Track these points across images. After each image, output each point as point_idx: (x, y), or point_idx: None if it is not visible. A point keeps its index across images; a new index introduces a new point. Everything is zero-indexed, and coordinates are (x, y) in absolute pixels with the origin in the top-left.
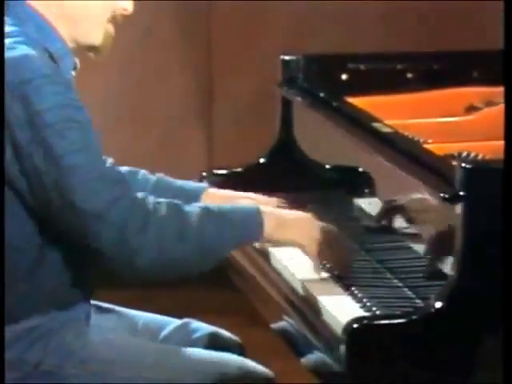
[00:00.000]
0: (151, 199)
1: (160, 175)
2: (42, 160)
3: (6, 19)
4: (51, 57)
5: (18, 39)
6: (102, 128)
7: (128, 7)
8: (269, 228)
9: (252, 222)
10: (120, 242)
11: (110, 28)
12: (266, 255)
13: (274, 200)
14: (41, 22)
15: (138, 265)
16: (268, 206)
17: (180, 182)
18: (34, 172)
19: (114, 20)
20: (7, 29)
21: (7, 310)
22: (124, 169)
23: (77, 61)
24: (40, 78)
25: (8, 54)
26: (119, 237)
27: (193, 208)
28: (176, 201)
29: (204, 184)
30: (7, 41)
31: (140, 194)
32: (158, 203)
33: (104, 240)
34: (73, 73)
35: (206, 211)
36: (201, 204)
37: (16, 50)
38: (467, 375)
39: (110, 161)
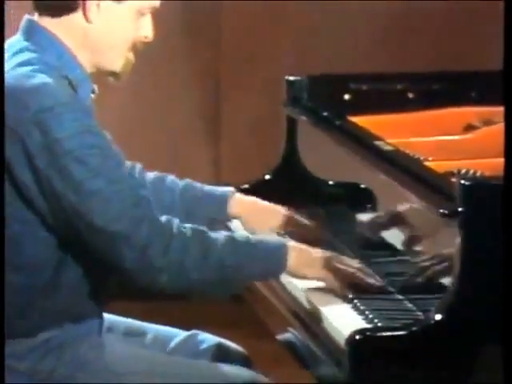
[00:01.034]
0: (175, 222)
1: (188, 180)
2: (60, 185)
3: (28, 45)
4: (70, 83)
5: (37, 67)
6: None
7: (149, 35)
8: (292, 265)
9: (276, 258)
10: (143, 262)
11: (131, 55)
12: None
13: (291, 213)
14: (61, 50)
15: (159, 284)
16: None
17: (207, 187)
18: (54, 196)
19: (134, 47)
20: (28, 55)
21: (23, 325)
22: (152, 174)
23: (95, 86)
24: (58, 106)
25: (27, 81)
26: (142, 257)
27: (218, 236)
28: (202, 227)
29: (230, 188)
30: (27, 68)
31: (164, 217)
32: (184, 227)
33: (127, 260)
34: (92, 96)
35: (232, 241)
36: (228, 232)
37: (35, 78)
38: None
39: (138, 166)
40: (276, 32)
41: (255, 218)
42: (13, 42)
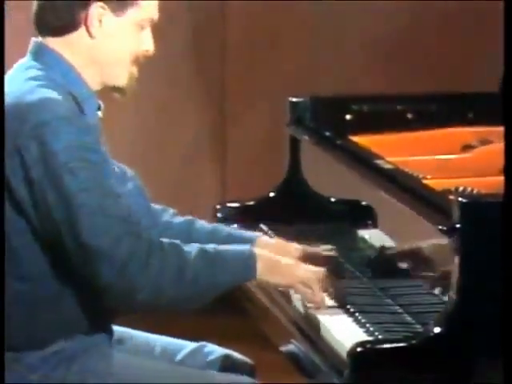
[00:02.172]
0: (155, 239)
1: (216, 224)
2: (53, 197)
3: (35, 64)
4: (75, 100)
5: (42, 83)
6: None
7: (150, 48)
8: (261, 272)
9: (245, 264)
10: (121, 279)
11: (134, 69)
12: None
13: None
14: (67, 68)
15: (136, 301)
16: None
17: (234, 231)
18: (46, 207)
19: (137, 61)
20: (34, 72)
21: (32, 337)
22: (182, 218)
23: (101, 102)
24: (56, 120)
25: (29, 96)
26: (120, 275)
27: (191, 248)
28: (176, 241)
29: (257, 233)
30: (32, 83)
31: (145, 234)
32: (160, 243)
33: (106, 276)
34: (99, 113)
35: (203, 252)
36: (198, 245)
37: (37, 92)
38: None
39: (171, 211)
40: (280, 55)
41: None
42: (21, 61)
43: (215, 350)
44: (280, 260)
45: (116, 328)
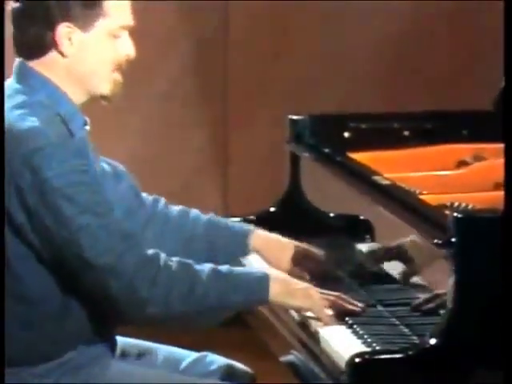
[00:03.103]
0: (163, 256)
1: (212, 215)
2: (52, 222)
3: (19, 88)
4: (63, 119)
5: (28, 110)
6: None
7: (130, 52)
8: (274, 295)
9: (258, 285)
10: (129, 294)
11: (117, 76)
12: None
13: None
14: (51, 89)
15: (146, 314)
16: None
17: (230, 222)
18: (45, 232)
19: (119, 67)
20: (20, 98)
21: (38, 350)
22: (176, 208)
23: (86, 118)
24: (46, 147)
25: (18, 125)
26: (129, 289)
27: (203, 267)
28: (187, 260)
29: (251, 227)
30: (18, 111)
31: (151, 250)
32: (170, 260)
33: (114, 292)
34: (86, 128)
35: (215, 273)
36: (211, 265)
37: (25, 121)
38: None
39: (162, 200)
40: (282, 71)
41: (270, 252)
42: (8, 84)
43: (217, 360)
44: (294, 282)
45: (119, 338)
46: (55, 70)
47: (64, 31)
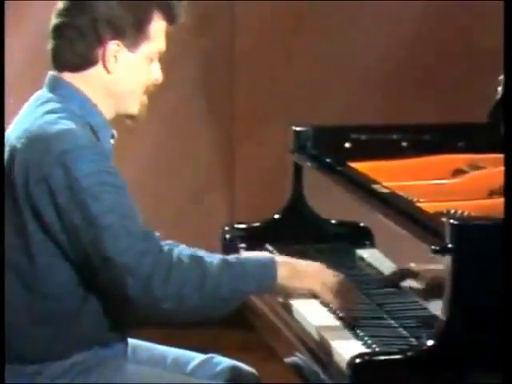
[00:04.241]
0: (175, 251)
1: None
2: (80, 219)
3: (52, 96)
4: (92, 129)
5: (62, 115)
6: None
7: (159, 78)
8: (282, 278)
9: (266, 272)
10: (145, 291)
11: (144, 98)
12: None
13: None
14: (83, 101)
15: (162, 310)
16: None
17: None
18: (74, 229)
19: (148, 91)
20: (53, 105)
21: (55, 350)
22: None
23: (114, 131)
24: (78, 149)
25: (51, 128)
26: (145, 287)
27: (213, 259)
28: (199, 253)
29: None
30: (52, 116)
31: (166, 248)
32: (183, 255)
33: (131, 289)
34: (112, 141)
35: (225, 262)
36: (220, 256)
37: (58, 124)
38: None
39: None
40: (285, 88)
41: None
42: (38, 94)
43: (223, 361)
44: (300, 264)
45: (131, 340)
46: (93, 85)
47: (113, 49)
